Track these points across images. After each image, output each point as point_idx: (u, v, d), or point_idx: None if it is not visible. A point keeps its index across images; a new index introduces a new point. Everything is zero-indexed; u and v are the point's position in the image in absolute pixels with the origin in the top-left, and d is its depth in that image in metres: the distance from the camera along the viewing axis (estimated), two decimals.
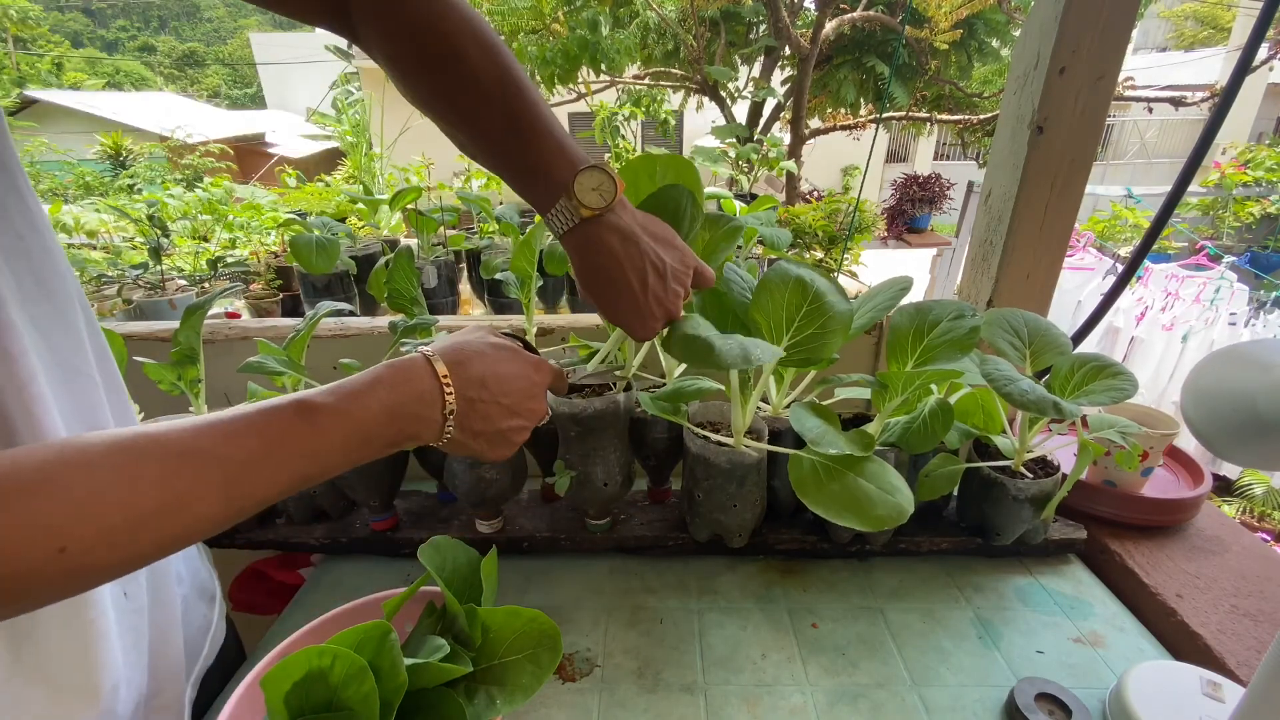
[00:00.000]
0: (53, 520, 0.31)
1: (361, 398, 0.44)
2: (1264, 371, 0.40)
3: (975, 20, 4.99)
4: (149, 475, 0.34)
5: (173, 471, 0.34)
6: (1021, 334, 0.76)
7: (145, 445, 0.34)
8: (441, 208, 1.64)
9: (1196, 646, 0.69)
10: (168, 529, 0.34)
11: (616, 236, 0.54)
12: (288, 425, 0.40)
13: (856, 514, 0.59)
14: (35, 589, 0.31)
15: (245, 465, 0.37)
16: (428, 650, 0.46)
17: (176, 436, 0.36)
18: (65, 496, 0.31)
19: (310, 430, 0.40)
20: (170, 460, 0.35)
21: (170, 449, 0.35)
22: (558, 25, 4.26)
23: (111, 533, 0.32)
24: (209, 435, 0.37)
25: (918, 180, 10.48)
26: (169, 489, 0.34)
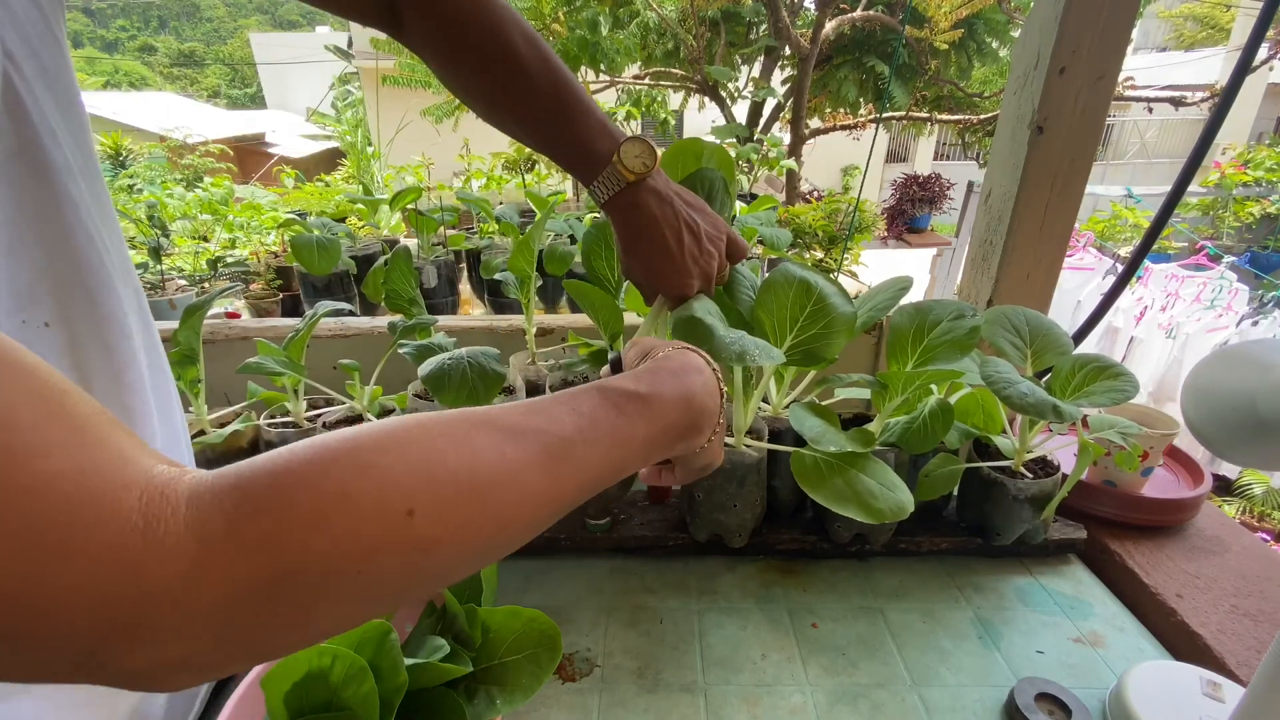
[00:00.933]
0: (399, 477, 0.28)
1: (658, 385, 0.42)
2: (1264, 371, 0.40)
3: (975, 20, 4.99)
4: (483, 443, 0.32)
5: (503, 440, 0.33)
6: (1023, 333, 0.76)
7: (474, 418, 0.33)
8: (441, 208, 1.64)
9: (1196, 646, 0.69)
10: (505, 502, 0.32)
11: (655, 199, 0.59)
12: (598, 406, 0.38)
13: (859, 505, 0.60)
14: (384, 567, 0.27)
15: (566, 444, 0.35)
16: (428, 650, 0.46)
17: (499, 412, 0.34)
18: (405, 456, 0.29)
19: (617, 414, 0.39)
20: (499, 431, 0.33)
21: (497, 422, 0.34)
22: (558, 25, 4.26)
23: (455, 502, 0.30)
24: (528, 411, 0.35)
25: (918, 180, 10.48)
26: (502, 456, 0.32)
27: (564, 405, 0.37)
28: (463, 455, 0.31)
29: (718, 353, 0.55)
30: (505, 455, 0.32)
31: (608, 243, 0.75)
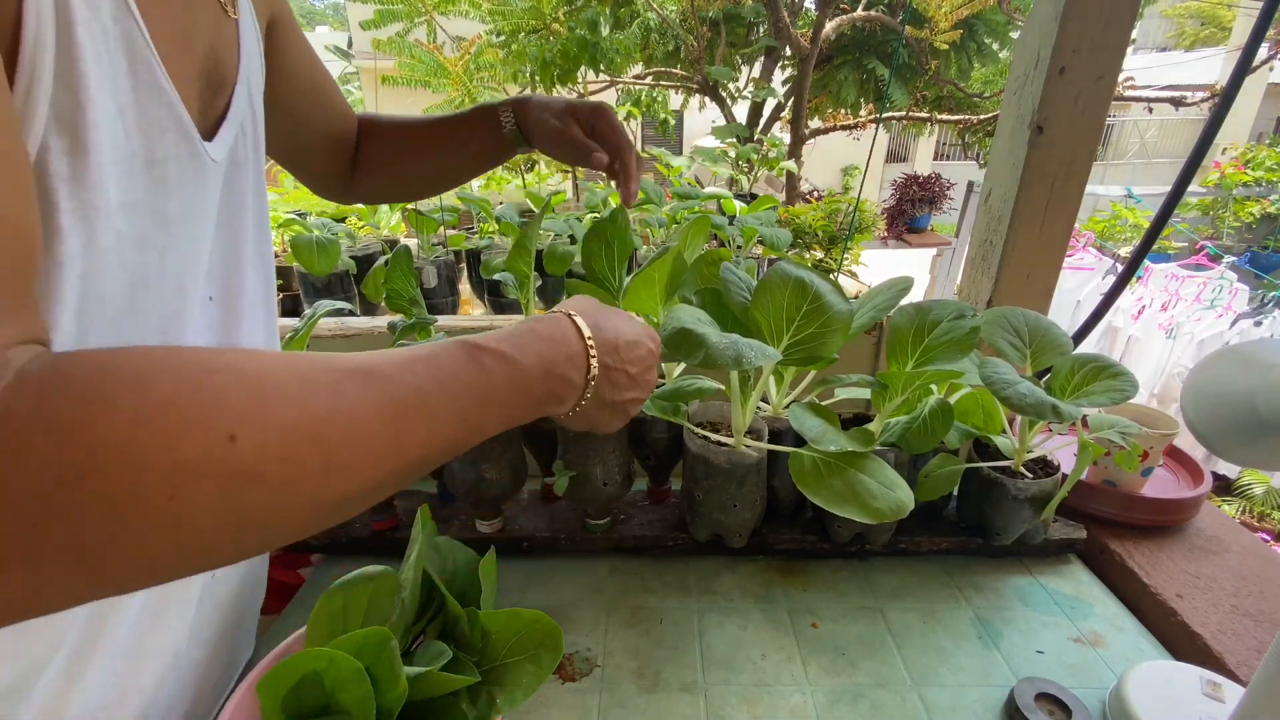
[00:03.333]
0: (227, 398, 0.26)
1: (521, 346, 0.42)
2: (1264, 371, 0.40)
3: (975, 21, 4.99)
4: (320, 380, 0.30)
5: (341, 380, 0.31)
6: (1022, 333, 0.76)
7: (318, 358, 0.32)
8: (441, 208, 1.64)
9: (1196, 646, 0.69)
10: (338, 446, 0.29)
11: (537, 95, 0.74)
12: (457, 359, 0.37)
13: (857, 505, 0.60)
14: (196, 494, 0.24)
15: (415, 392, 0.34)
16: (429, 656, 0.46)
17: (348, 357, 0.33)
18: (241, 378, 0.27)
19: (476, 368, 0.38)
20: (343, 371, 0.32)
21: (341, 364, 0.32)
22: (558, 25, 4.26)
23: (285, 434, 0.27)
24: (379, 359, 0.34)
25: (918, 180, 10.48)
26: (340, 397, 0.30)
27: (421, 356, 0.36)
28: (298, 390, 0.29)
29: (713, 360, 0.55)
30: (344, 393, 0.30)
31: (607, 243, 0.75)
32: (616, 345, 0.49)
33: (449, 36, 3.94)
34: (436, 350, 0.37)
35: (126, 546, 0.24)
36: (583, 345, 0.46)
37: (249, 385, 0.27)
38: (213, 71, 0.45)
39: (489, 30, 4.17)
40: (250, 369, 0.28)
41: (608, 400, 0.49)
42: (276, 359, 0.30)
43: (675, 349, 0.58)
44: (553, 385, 0.44)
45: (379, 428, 0.31)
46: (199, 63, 0.43)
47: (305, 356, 0.31)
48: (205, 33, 0.44)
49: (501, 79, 4.12)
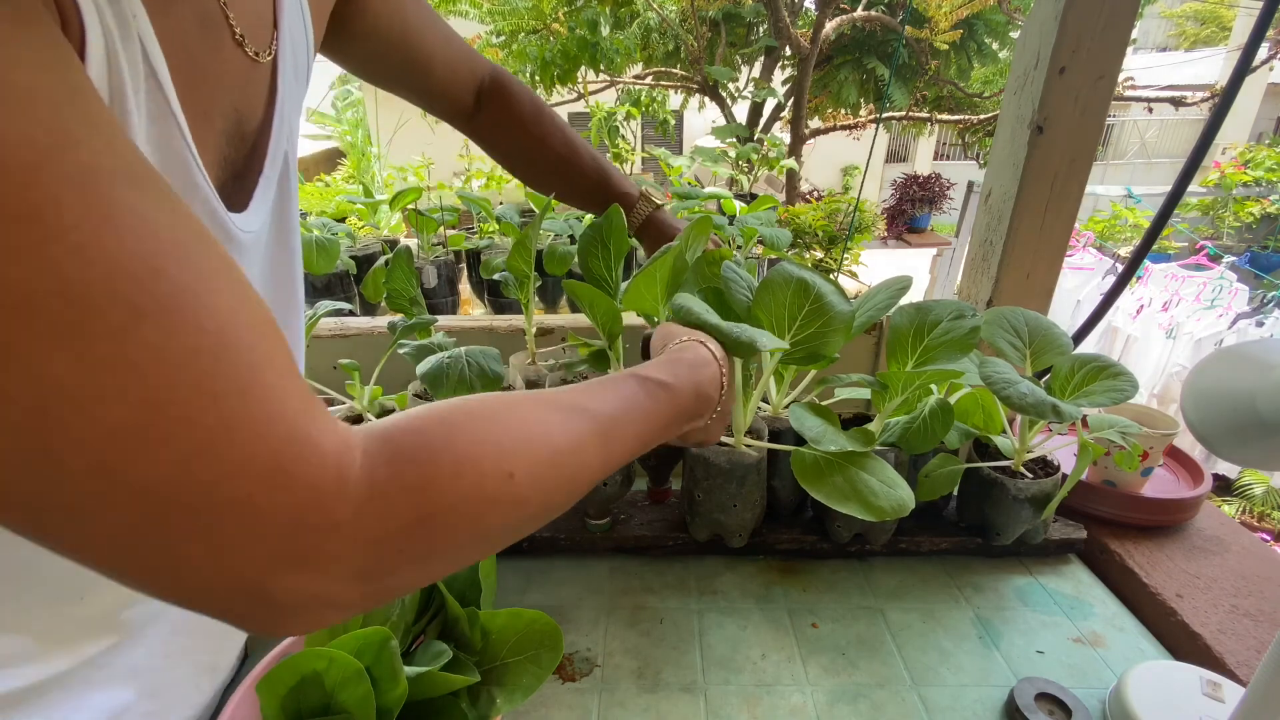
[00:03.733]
0: (502, 443, 0.33)
1: (677, 374, 0.49)
2: (1264, 371, 0.40)
3: (975, 21, 4.99)
4: (554, 419, 0.37)
5: (568, 417, 0.38)
6: (1022, 333, 0.76)
7: (542, 397, 0.38)
8: (441, 208, 1.64)
9: (1196, 646, 0.69)
10: (571, 470, 0.37)
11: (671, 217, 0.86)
12: (634, 391, 0.45)
13: (859, 502, 0.60)
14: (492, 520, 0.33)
15: (612, 420, 0.41)
16: (429, 656, 0.46)
17: (556, 394, 0.40)
18: (507, 428, 0.34)
19: (649, 399, 0.45)
20: (563, 409, 0.38)
21: (560, 401, 0.39)
22: (558, 25, 4.26)
23: (540, 466, 0.35)
24: (579, 394, 0.41)
25: (918, 180, 10.48)
26: (570, 432, 0.38)
27: (610, 389, 0.44)
28: (544, 428, 0.36)
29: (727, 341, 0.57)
30: (570, 430, 0.38)
31: (604, 242, 0.75)
32: (729, 363, 0.57)
33: None
34: (618, 383, 0.45)
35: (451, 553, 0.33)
36: (717, 366, 0.54)
37: (514, 432, 0.35)
38: (235, 130, 0.43)
39: (489, 30, 4.17)
40: (510, 416, 0.35)
41: (725, 411, 0.55)
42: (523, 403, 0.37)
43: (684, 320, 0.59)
44: (699, 403, 0.51)
45: (594, 452, 0.39)
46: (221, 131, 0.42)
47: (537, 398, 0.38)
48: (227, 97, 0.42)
49: None
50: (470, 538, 0.32)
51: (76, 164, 0.22)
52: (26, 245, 0.21)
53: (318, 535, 0.27)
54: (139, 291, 0.23)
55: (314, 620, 0.29)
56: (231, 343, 0.26)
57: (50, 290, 0.21)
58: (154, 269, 0.24)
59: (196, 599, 0.27)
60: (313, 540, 0.27)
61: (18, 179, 0.21)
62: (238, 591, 0.27)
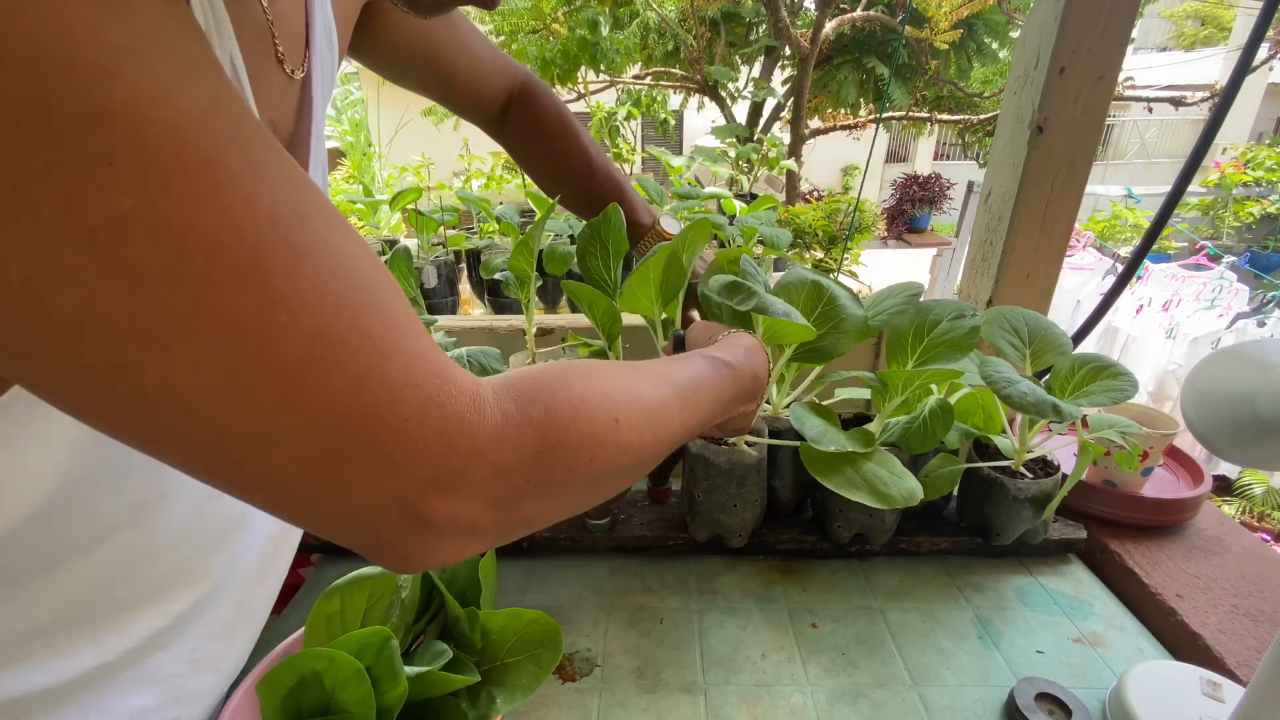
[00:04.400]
0: (608, 393, 0.37)
1: (737, 356, 0.53)
2: (1264, 371, 0.40)
3: (975, 20, 4.99)
4: (644, 382, 0.41)
5: (655, 382, 0.42)
6: (1022, 333, 0.76)
7: (626, 365, 0.43)
8: (441, 208, 1.64)
9: (1196, 646, 0.69)
10: (660, 427, 0.40)
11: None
12: (704, 367, 0.49)
13: (870, 491, 0.61)
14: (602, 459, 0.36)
15: (691, 388, 0.45)
16: (429, 656, 0.46)
17: (638, 364, 0.44)
18: (607, 382, 0.38)
19: (717, 374, 0.49)
20: (649, 375, 0.43)
21: (644, 369, 0.43)
22: (558, 25, 4.26)
23: (638, 417, 0.38)
24: (662, 365, 0.46)
25: (918, 180, 10.48)
26: (656, 392, 0.41)
27: (684, 364, 0.48)
28: (639, 388, 0.40)
29: (764, 307, 0.59)
30: (659, 391, 0.42)
31: (602, 242, 0.75)
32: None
33: None
34: (690, 359, 0.49)
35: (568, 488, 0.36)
36: (765, 354, 0.58)
37: (614, 386, 0.38)
38: None
39: (489, 31, 4.17)
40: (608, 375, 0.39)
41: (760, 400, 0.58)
42: (615, 366, 0.41)
43: (728, 295, 0.61)
44: (756, 385, 0.55)
45: (676, 414, 0.43)
46: None
47: (622, 365, 0.42)
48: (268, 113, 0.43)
49: None
50: (584, 475, 0.35)
51: (231, 123, 0.24)
52: (206, 193, 0.23)
53: (464, 459, 0.29)
54: (296, 235, 0.25)
55: (457, 547, 0.32)
56: (371, 284, 0.28)
57: (230, 233, 0.23)
58: (302, 216, 0.26)
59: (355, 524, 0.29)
60: (461, 464, 0.29)
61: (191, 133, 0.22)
62: (396, 513, 0.29)
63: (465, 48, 0.74)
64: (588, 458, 0.35)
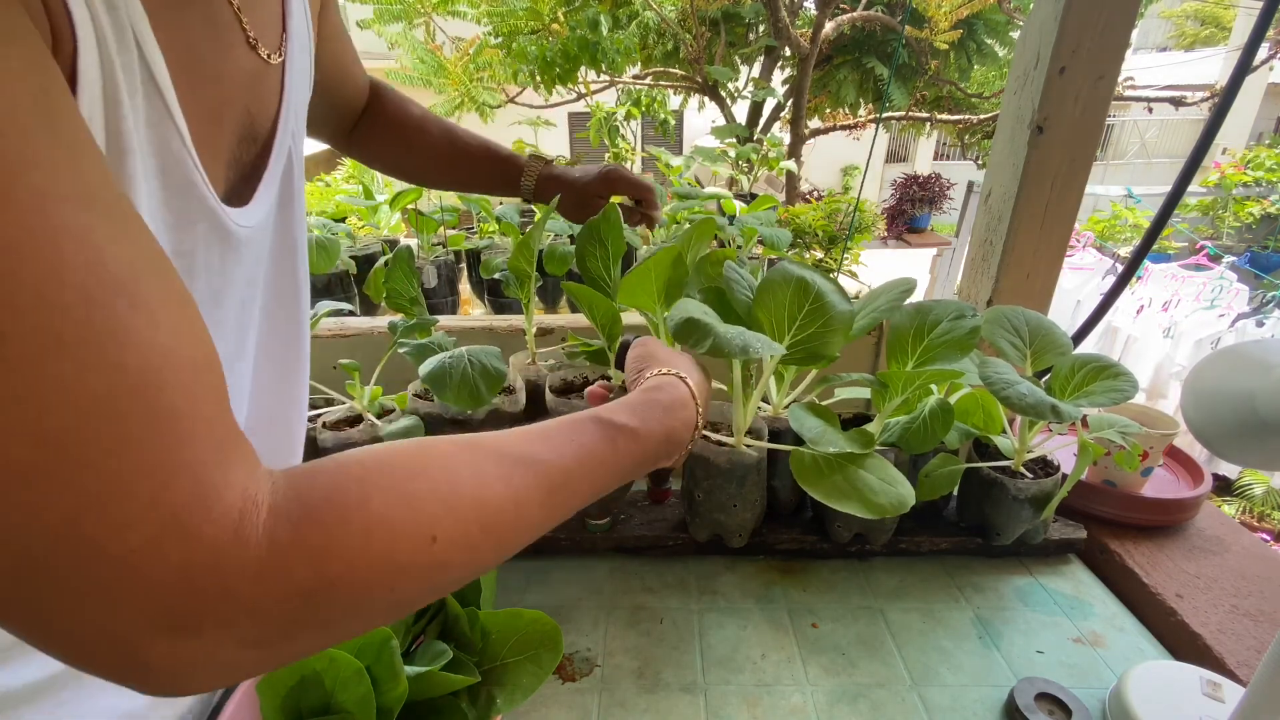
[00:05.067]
0: (426, 507, 0.31)
1: (647, 420, 0.46)
2: (1264, 371, 0.40)
3: (975, 20, 4.98)
4: (492, 473, 0.35)
5: (510, 471, 0.36)
6: (1022, 333, 0.76)
7: (486, 445, 0.36)
8: (441, 208, 1.64)
9: (1196, 646, 0.69)
10: (505, 531, 0.35)
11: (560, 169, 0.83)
12: (595, 440, 0.42)
13: (859, 501, 0.59)
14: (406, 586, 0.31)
15: (563, 473, 0.39)
16: (429, 656, 0.46)
17: (506, 440, 0.37)
18: (434, 485, 0.32)
19: (610, 447, 0.43)
20: (507, 461, 0.36)
21: (505, 451, 0.37)
22: (557, 25, 4.25)
23: (467, 528, 0.33)
24: (532, 441, 0.39)
25: (918, 180, 10.48)
26: (509, 487, 0.35)
27: (565, 435, 0.41)
28: (477, 486, 0.34)
29: (720, 348, 0.56)
30: (512, 484, 0.35)
31: (601, 242, 0.75)
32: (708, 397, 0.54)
33: (448, 37, 3.94)
34: (578, 429, 0.42)
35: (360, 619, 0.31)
36: (694, 409, 0.51)
37: (440, 491, 0.32)
38: (247, 131, 0.43)
39: (489, 32, 4.17)
40: (438, 472, 0.33)
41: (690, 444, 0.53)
42: (456, 454, 0.34)
43: (683, 337, 0.58)
44: (669, 449, 0.48)
45: (536, 508, 0.37)
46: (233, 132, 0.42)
47: (480, 447, 0.36)
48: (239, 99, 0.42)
49: (501, 79, 4.12)
50: (382, 605, 0.30)
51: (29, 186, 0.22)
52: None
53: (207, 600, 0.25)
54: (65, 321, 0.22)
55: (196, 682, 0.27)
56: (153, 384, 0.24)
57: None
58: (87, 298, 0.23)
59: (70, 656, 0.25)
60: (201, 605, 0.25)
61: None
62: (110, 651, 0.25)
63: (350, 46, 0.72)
64: (386, 587, 0.30)
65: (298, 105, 0.49)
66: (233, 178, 0.42)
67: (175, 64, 0.34)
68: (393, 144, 0.81)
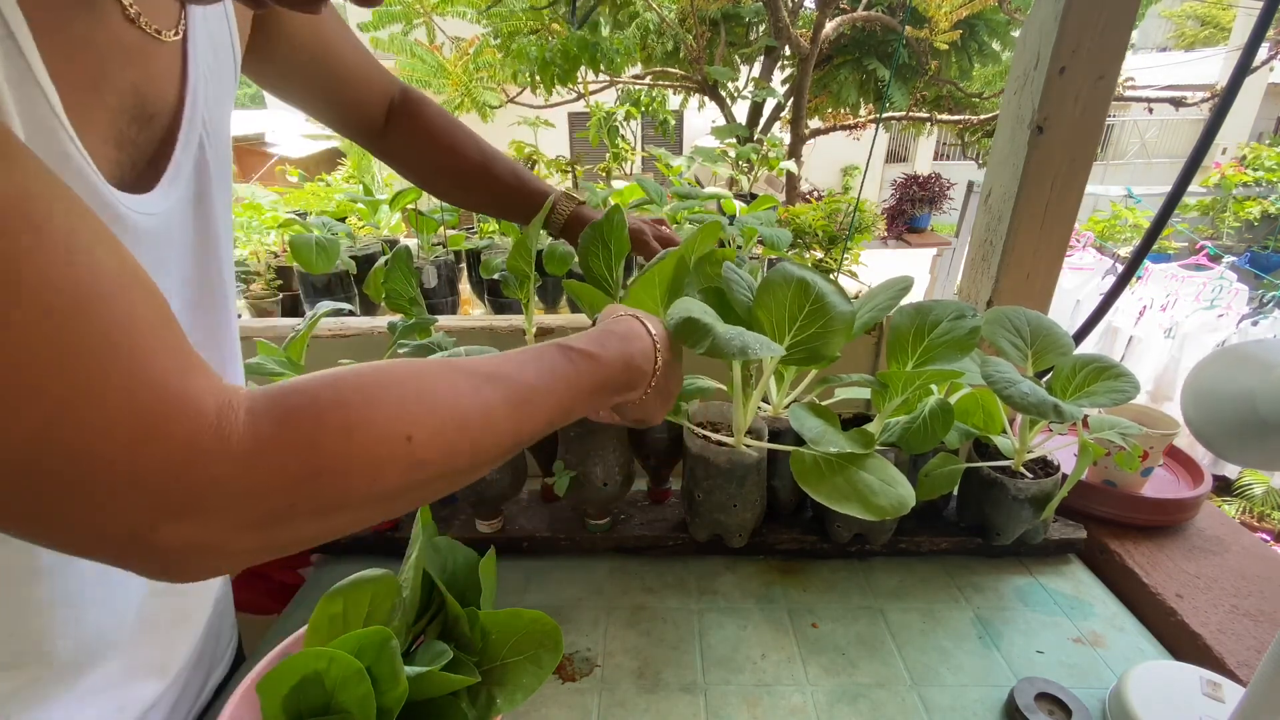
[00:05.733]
0: (402, 406, 0.35)
1: (604, 344, 0.50)
2: (1264, 371, 0.40)
3: (976, 21, 4.98)
4: (463, 385, 0.38)
5: (480, 384, 0.39)
6: (1024, 333, 0.76)
7: (456, 364, 0.39)
8: (441, 208, 1.64)
9: (1196, 646, 0.69)
10: (478, 437, 0.38)
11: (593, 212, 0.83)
12: (556, 361, 0.46)
13: (859, 502, 0.59)
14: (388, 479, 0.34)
15: (529, 389, 0.42)
16: (429, 656, 0.46)
17: (475, 360, 0.41)
18: (404, 390, 0.35)
19: (572, 368, 0.46)
20: (477, 376, 0.39)
21: (476, 368, 0.40)
22: (557, 25, 4.25)
23: (443, 429, 0.36)
24: (500, 361, 0.43)
25: (918, 180, 10.49)
26: (479, 398, 0.38)
27: (530, 357, 0.45)
28: (451, 393, 0.37)
29: (719, 349, 0.56)
30: (482, 395, 0.39)
31: (604, 242, 0.75)
32: (669, 343, 0.57)
33: (447, 37, 3.94)
34: (541, 352, 0.46)
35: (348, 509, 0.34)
36: (650, 341, 0.54)
37: (417, 395, 0.36)
38: (137, 110, 0.41)
39: (489, 32, 4.18)
40: (413, 381, 0.36)
41: (662, 390, 0.56)
42: (431, 369, 0.38)
43: (682, 337, 0.58)
44: (629, 375, 0.52)
45: (505, 418, 0.40)
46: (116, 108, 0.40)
47: (451, 364, 0.39)
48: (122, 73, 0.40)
49: (501, 79, 4.12)
50: (367, 495, 0.33)
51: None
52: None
53: (197, 489, 0.28)
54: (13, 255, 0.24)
55: (207, 566, 0.31)
56: (92, 300, 0.26)
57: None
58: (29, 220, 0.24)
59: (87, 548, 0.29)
60: (192, 494, 0.28)
61: None
62: (124, 540, 0.28)
63: (354, 47, 0.72)
64: (368, 479, 0.33)
65: (214, 96, 0.48)
66: (126, 161, 0.41)
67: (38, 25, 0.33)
68: (421, 158, 0.82)
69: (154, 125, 0.43)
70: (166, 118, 0.44)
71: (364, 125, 0.78)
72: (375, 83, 0.75)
